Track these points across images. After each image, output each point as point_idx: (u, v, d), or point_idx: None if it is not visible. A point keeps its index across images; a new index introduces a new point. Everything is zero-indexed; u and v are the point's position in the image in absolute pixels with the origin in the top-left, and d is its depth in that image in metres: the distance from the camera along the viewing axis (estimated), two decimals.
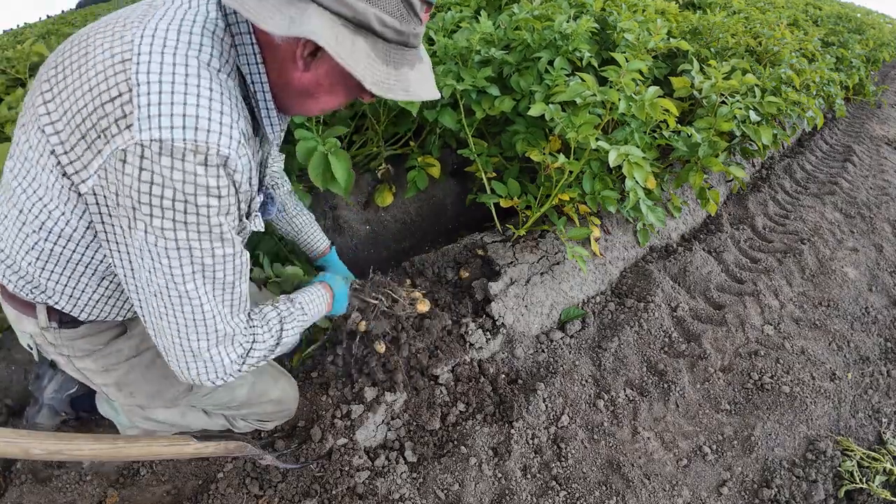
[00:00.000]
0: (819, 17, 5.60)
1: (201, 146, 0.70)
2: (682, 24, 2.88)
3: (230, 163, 0.73)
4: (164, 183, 0.70)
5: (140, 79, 0.69)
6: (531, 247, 1.97)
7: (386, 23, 0.74)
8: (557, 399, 1.58)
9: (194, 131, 0.69)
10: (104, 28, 0.76)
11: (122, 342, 1.07)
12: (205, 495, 1.38)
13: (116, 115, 0.69)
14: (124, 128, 0.69)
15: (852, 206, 2.95)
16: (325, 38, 0.69)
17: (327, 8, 0.70)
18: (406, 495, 1.32)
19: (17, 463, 1.42)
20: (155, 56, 0.70)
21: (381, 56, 0.76)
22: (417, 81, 0.81)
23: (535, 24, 2.06)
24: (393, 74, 0.77)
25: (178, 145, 0.68)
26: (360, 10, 0.71)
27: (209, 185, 0.72)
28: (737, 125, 2.09)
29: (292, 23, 0.69)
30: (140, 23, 0.74)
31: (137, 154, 0.69)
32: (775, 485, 1.42)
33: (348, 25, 0.72)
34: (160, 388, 1.16)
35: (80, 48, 0.75)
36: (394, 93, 0.77)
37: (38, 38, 4.24)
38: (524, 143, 1.87)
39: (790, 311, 2.06)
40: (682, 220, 2.50)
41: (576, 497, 1.36)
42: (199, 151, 0.70)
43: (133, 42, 0.71)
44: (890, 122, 4.60)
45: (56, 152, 0.75)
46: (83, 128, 0.72)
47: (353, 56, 0.71)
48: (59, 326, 0.98)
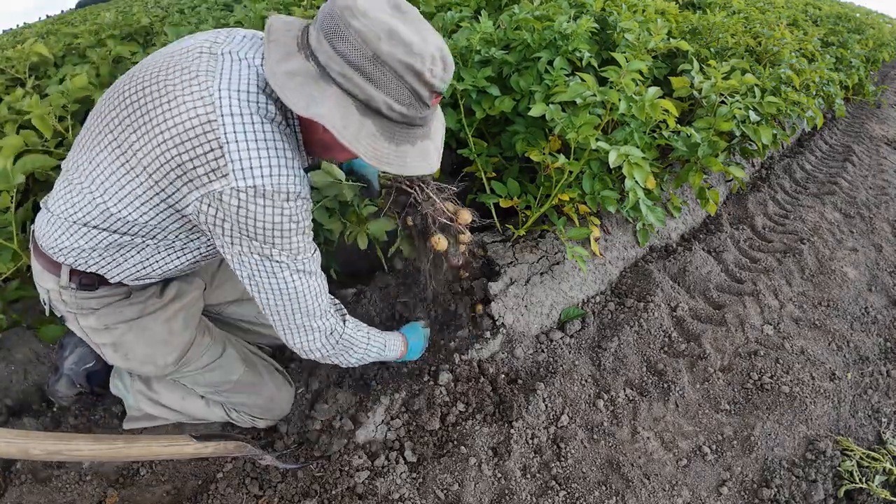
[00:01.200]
0: (819, 17, 5.60)
1: (283, 187, 0.92)
2: (681, 24, 2.88)
3: (302, 194, 0.96)
4: (258, 216, 0.93)
5: (228, 138, 0.88)
6: (531, 247, 1.97)
7: (393, 108, 0.88)
8: (557, 399, 1.58)
9: (277, 178, 0.91)
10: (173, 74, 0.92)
11: (125, 305, 1.20)
12: (204, 495, 1.38)
13: (211, 166, 0.89)
14: (220, 176, 0.89)
15: (852, 205, 2.95)
16: (331, 122, 0.86)
17: (345, 89, 0.87)
18: (406, 495, 1.32)
19: (16, 463, 1.42)
20: (236, 118, 0.89)
21: (385, 134, 0.91)
22: (415, 157, 0.95)
23: (535, 24, 2.06)
24: (393, 151, 0.92)
25: (268, 189, 0.91)
26: (372, 96, 0.87)
27: (291, 214, 0.95)
28: (736, 125, 2.09)
29: (309, 104, 0.86)
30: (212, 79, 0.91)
31: (235, 196, 0.90)
32: (775, 485, 1.42)
33: (360, 107, 0.88)
34: (153, 354, 1.26)
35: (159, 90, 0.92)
36: (390, 166, 0.92)
37: (38, 38, 4.24)
38: (524, 143, 1.87)
39: (790, 311, 2.06)
40: (681, 220, 2.50)
41: (575, 497, 1.36)
42: (281, 192, 0.92)
43: (214, 104, 0.89)
44: (889, 122, 4.60)
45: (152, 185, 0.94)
46: (179, 171, 0.91)
47: (357, 136, 0.88)
48: (77, 288, 1.13)
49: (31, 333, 1.63)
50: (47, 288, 1.15)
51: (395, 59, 0.85)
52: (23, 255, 1.47)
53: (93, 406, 1.61)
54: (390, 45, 0.84)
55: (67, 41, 3.39)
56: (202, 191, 0.91)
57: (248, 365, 1.43)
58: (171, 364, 1.30)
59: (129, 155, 0.93)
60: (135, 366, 1.27)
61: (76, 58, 2.92)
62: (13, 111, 1.79)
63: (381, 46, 0.84)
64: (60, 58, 2.99)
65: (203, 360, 1.34)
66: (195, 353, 1.32)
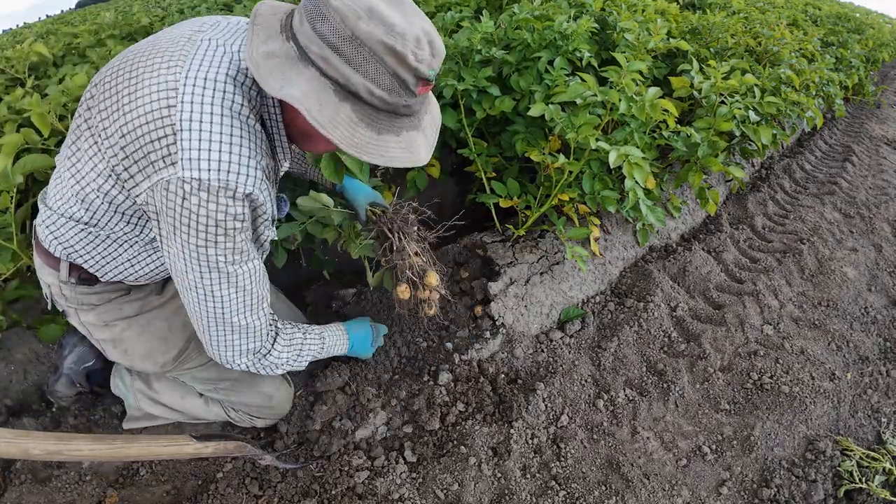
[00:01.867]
0: (818, 17, 5.60)
1: (231, 185, 0.87)
2: (681, 25, 2.88)
3: (253, 196, 0.91)
4: (200, 211, 0.87)
5: (183, 125, 0.85)
6: (531, 247, 1.97)
7: (374, 93, 0.83)
8: (557, 399, 1.58)
9: (226, 174, 0.86)
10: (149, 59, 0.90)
11: (125, 302, 1.21)
12: (204, 495, 1.38)
13: (163, 152, 0.86)
14: (169, 164, 0.86)
15: (851, 206, 2.95)
16: (305, 105, 0.81)
17: (324, 72, 0.82)
18: (405, 495, 1.32)
19: (16, 463, 1.42)
20: (195, 106, 0.85)
21: (365, 120, 0.85)
22: (398, 148, 0.89)
23: (535, 24, 2.06)
24: (373, 139, 0.86)
25: (213, 184, 0.86)
26: (352, 80, 0.82)
27: (235, 213, 0.90)
28: (736, 125, 2.09)
29: (283, 86, 0.81)
30: (181, 64, 0.88)
31: (180, 186, 0.86)
32: (774, 484, 1.42)
33: (339, 91, 0.83)
34: (151, 350, 1.27)
35: (131, 76, 0.90)
36: (369, 156, 0.87)
37: (38, 38, 4.24)
38: (524, 143, 1.87)
39: (789, 311, 2.06)
40: (681, 220, 2.50)
41: (575, 497, 1.36)
42: (228, 189, 0.87)
43: (177, 90, 0.86)
44: (889, 122, 4.60)
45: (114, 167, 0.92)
46: (136, 155, 0.88)
47: (333, 121, 0.83)
48: (76, 283, 1.13)
49: (31, 333, 1.63)
50: (48, 283, 1.16)
51: (374, 39, 0.79)
52: (22, 255, 1.47)
53: (92, 406, 1.61)
54: (369, 25, 0.79)
55: (67, 41, 3.39)
56: (153, 178, 0.88)
57: None
58: (171, 361, 1.30)
59: (99, 137, 0.92)
60: (135, 362, 1.28)
61: (76, 57, 2.92)
62: (13, 111, 1.79)
63: (360, 25, 0.79)
64: (60, 58, 2.99)
65: (202, 357, 1.34)
66: (195, 351, 1.33)
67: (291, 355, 1.23)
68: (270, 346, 1.17)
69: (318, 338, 1.32)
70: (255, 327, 1.10)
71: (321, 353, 1.33)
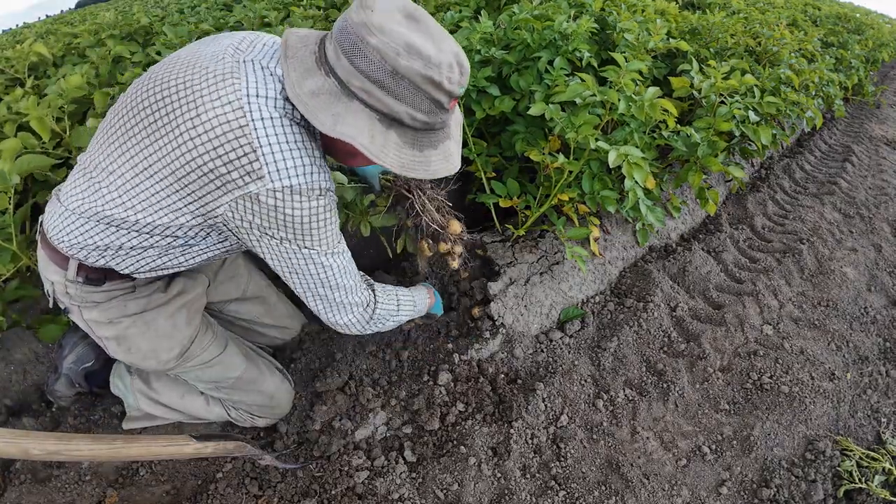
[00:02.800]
0: (818, 17, 5.60)
1: (315, 184, 0.97)
2: (681, 25, 2.88)
3: (331, 188, 1.02)
4: (296, 214, 0.98)
5: (262, 142, 0.92)
6: (530, 247, 1.97)
7: (416, 118, 0.92)
8: (557, 399, 1.58)
9: (310, 176, 0.96)
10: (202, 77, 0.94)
11: (130, 300, 1.21)
12: (204, 495, 1.38)
13: (246, 169, 0.93)
14: (256, 178, 0.93)
15: (851, 206, 2.95)
16: (359, 140, 0.90)
17: (367, 104, 0.90)
18: (405, 495, 1.32)
19: (16, 463, 1.42)
20: (266, 122, 0.92)
21: (409, 142, 0.95)
22: (438, 160, 1.00)
23: (535, 24, 2.06)
24: (418, 156, 0.97)
25: (303, 188, 0.96)
26: (395, 109, 0.90)
27: (324, 206, 1.01)
28: (736, 125, 2.09)
29: (336, 123, 0.90)
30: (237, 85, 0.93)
31: (272, 196, 0.95)
32: (774, 485, 1.42)
33: (384, 120, 0.92)
34: (155, 348, 1.26)
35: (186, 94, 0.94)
36: (416, 172, 0.97)
37: (38, 38, 4.24)
38: (524, 143, 1.87)
39: (789, 311, 2.06)
40: (681, 220, 2.50)
41: (575, 497, 1.36)
42: (314, 188, 0.97)
43: (243, 109, 0.91)
44: (889, 123, 4.60)
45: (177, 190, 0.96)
46: (211, 175, 0.94)
47: (384, 149, 0.92)
48: (84, 283, 1.13)
49: (31, 333, 1.63)
50: (52, 280, 1.15)
51: (414, 73, 0.87)
52: (22, 255, 1.47)
53: (92, 406, 1.61)
54: (409, 60, 0.86)
55: (67, 41, 3.39)
56: (236, 193, 0.95)
57: (249, 362, 1.44)
58: (174, 359, 1.30)
59: (156, 160, 0.95)
60: (137, 360, 1.27)
61: (76, 58, 2.92)
62: (13, 112, 1.79)
63: (400, 62, 0.86)
64: (60, 58, 3.00)
65: (205, 355, 1.34)
66: (197, 349, 1.33)
67: (392, 307, 1.32)
68: (374, 298, 1.27)
69: (407, 293, 1.42)
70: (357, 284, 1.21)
71: (414, 308, 1.42)
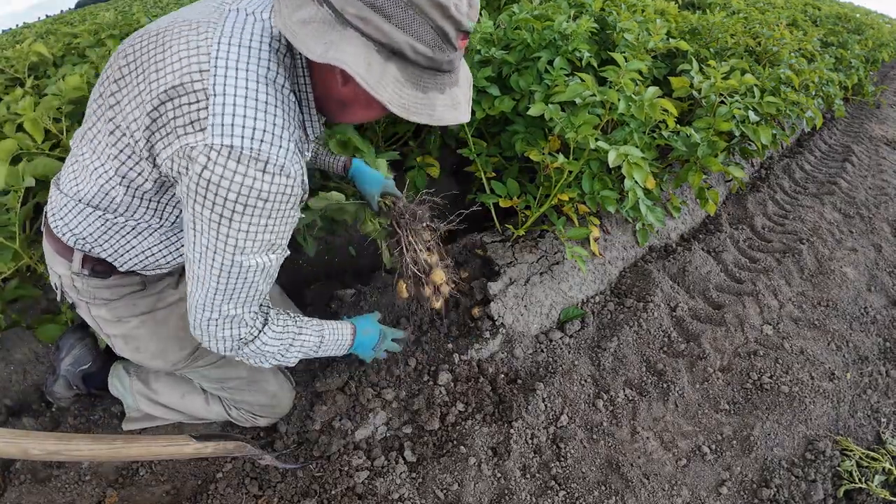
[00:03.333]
0: (818, 17, 5.60)
1: (262, 155, 0.81)
2: (681, 25, 2.88)
3: (285, 170, 0.84)
4: (223, 183, 0.81)
5: (217, 90, 0.80)
6: (530, 247, 1.97)
7: (418, 50, 0.80)
8: (557, 399, 1.58)
9: (259, 142, 0.81)
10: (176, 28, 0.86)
11: (139, 298, 1.17)
12: (204, 495, 1.38)
13: (191, 117, 0.80)
14: (198, 129, 0.80)
15: (851, 206, 2.95)
16: (354, 67, 0.77)
17: (364, 33, 0.78)
18: (405, 495, 1.32)
19: (16, 463, 1.42)
20: (230, 71, 0.81)
21: (411, 80, 0.82)
22: (444, 106, 0.86)
23: (534, 24, 2.06)
24: (420, 98, 0.83)
25: (244, 153, 0.80)
26: (395, 38, 0.78)
27: (262, 189, 0.83)
28: (736, 125, 2.09)
29: (327, 49, 0.77)
30: (213, 30, 0.84)
31: (205, 154, 0.80)
32: (774, 484, 1.42)
33: (382, 51, 0.79)
34: (165, 349, 1.23)
35: (157, 44, 0.86)
36: (418, 116, 0.83)
37: (38, 38, 4.24)
38: (524, 143, 1.87)
39: (789, 311, 2.06)
40: (681, 220, 2.50)
41: (575, 497, 1.36)
42: (259, 159, 0.81)
43: (210, 54, 0.82)
44: (889, 123, 4.60)
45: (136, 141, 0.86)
46: (161, 121, 0.83)
47: (381, 82, 0.79)
48: (89, 275, 1.08)
49: (31, 333, 1.63)
50: (59, 273, 1.12)
51: None
52: (23, 254, 1.47)
53: (92, 406, 1.61)
54: None
55: (67, 41, 3.39)
56: (175, 145, 0.82)
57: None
58: (184, 359, 1.27)
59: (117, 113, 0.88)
60: (145, 359, 1.24)
61: (76, 57, 2.92)
62: (12, 112, 1.79)
63: None
64: (60, 58, 2.99)
65: (213, 355, 1.31)
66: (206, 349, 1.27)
67: (279, 348, 1.12)
68: (257, 334, 1.07)
69: (316, 334, 1.22)
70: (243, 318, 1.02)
71: (316, 351, 1.23)
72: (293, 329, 1.15)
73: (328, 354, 1.28)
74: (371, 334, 1.37)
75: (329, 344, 1.25)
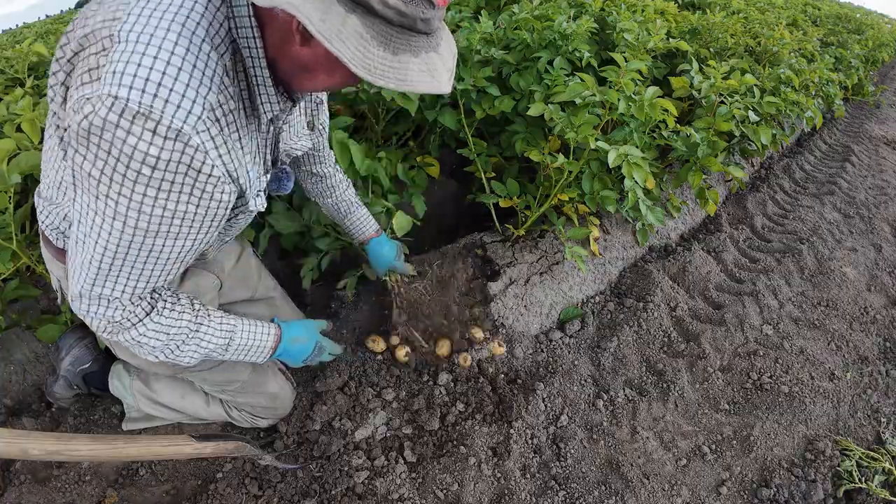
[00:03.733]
0: (818, 17, 5.60)
1: (155, 113, 0.67)
2: (681, 25, 2.88)
3: (182, 137, 0.70)
4: (104, 135, 0.68)
5: (122, 36, 0.69)
6: (530, 247, 1.97)
7: (388, 3, 0.67)
8: (556, 399, 1.58)
9: (152, 97, 0.67)
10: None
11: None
12: (204, 495, 1.38)
13: (91, 64, 0.71)
14: (95, 78, 0.69)
15: (851, 206, 2.95)
16: (305, 12, 0.63)
17: None
18: (405, 495, 1.32)
19: (16, 463, 1.42)
20: (142, 18, 0.70)
21: (379, 38, 0.69)
22: (419, 72, 0.72)
23: (534, 24, 2.06)
24: (389, 60, 0.70)
25: (131, 106, 0.67)
26: None
27: (147, 153, 0.69)
28: (736, 125, 2.09)
29: None
30: None
31: (90, 104, 0.68)
32: (774, 484, 1.42)
33: (343, 1, 0.66)
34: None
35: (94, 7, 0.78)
36: (385, 80, 0.69)
37: (38, 38, 4.24)
38: (523, 143, 1.87)
39: (789, 311, 2.06)
40: (681, 220, 2.50)
41: (575, 497, 1.36)
42: (151, 118, 0.68)
43: (129, 2, 0.72)
44: (889, 122, 4.60)
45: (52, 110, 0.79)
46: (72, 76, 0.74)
47: (339, 35, 0.66)
48: None
49: (31, 333, 1.63)
50: (57, 276, 1.11)
51: None
52: (22, 255, 1.47)
53: (92, 406, 1.61)
54: None
55: None
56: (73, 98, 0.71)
57: (255, 365, 1.42)
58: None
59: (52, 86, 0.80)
60: (145, 363, 1.23)
61: None
62: (12, 112, 1.79)
63: None
64: None
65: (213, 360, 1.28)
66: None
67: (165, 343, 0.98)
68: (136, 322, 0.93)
69: (223, 335, 1.07)
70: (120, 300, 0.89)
71: (223, 353, 1.10)
72: (188, 326, 1.00)
73: (241, 359, 1.15)
74: (303, 343, 1.25)
75: (240, 348, 1.12)
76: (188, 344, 1.02)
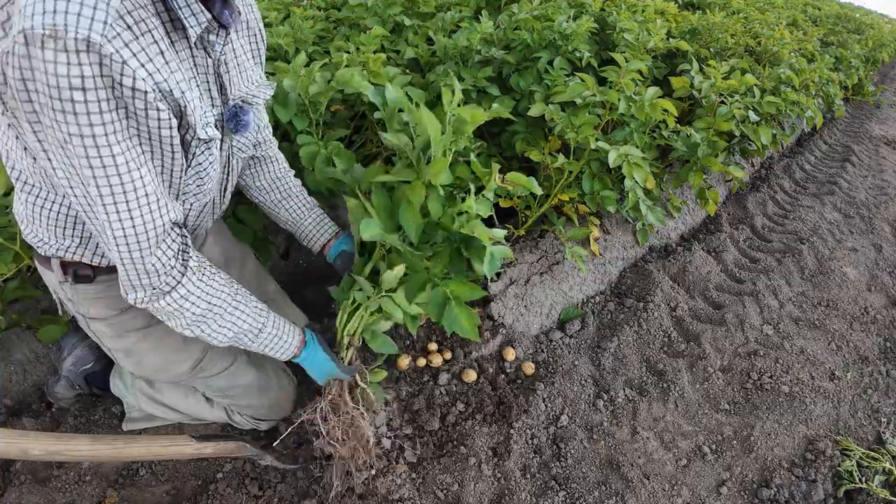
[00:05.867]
0: (818, 17, 5.61)
1: (59, 30, 0.62)
2: (681, 25, 2.88)
3: (94, 47, 0.64)
4: (26, 76, 0.65)
5: None
6: (530, 247, 1.97)
7: None
8: (557, 399, 1.58)
9: (52, 14, 0.63)
10: None
11: (136, 311, 1.08)
12: (204, 496, 1.38)
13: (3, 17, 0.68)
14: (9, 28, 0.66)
15: (851, 206, 2.95)
16: None
17: None
18: (406, 495, 1.32)
19: (16, 463, 1.42)
20: None
21: None
22: None
23: (534, 24, 2.06)
24: None
25: (37, 32, 0.62)
26: None
27: (70, 75, 0.65)
28: (736, 125, 2.09)
29: None
30: None
31: (8, 48, 0.64)
32: (774, 484, 1.42)
33: None
34: (167, 364, 1.19)
35: None
36: None
37: None
38: (524, 143, 1.87)
39: (789, 311, 2.06)
40: (681, 220, 2.50)
41: (575, 497, 1.36)
42: (57, 37, 0.62)
43: None
44: (889, 122, 4.60)
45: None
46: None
47: None
48: (74, 282, 1.01)
49: (31, 333, 1.63)
50: (52, 287, 1.09)
51: None
52: (24, 256, 1.47)
53: (92, 406, 1.61)
54: None
55: None
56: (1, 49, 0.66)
57: (258, 368, 1.40)
58: (186, 372, 1.23)
59: None
60: (148, 373, 1.22)
61: None
62: None
63: None
64: None
65: (216, 367, 1.28)
66: (209, 361, 1.25)
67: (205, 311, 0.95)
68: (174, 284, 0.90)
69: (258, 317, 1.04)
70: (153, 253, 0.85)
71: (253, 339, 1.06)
72: (227, 299, 0.97)
73: (264, 351, 1.11)
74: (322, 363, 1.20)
75: (268, 339, 1.09)
76: (226, 318, 0.99)
